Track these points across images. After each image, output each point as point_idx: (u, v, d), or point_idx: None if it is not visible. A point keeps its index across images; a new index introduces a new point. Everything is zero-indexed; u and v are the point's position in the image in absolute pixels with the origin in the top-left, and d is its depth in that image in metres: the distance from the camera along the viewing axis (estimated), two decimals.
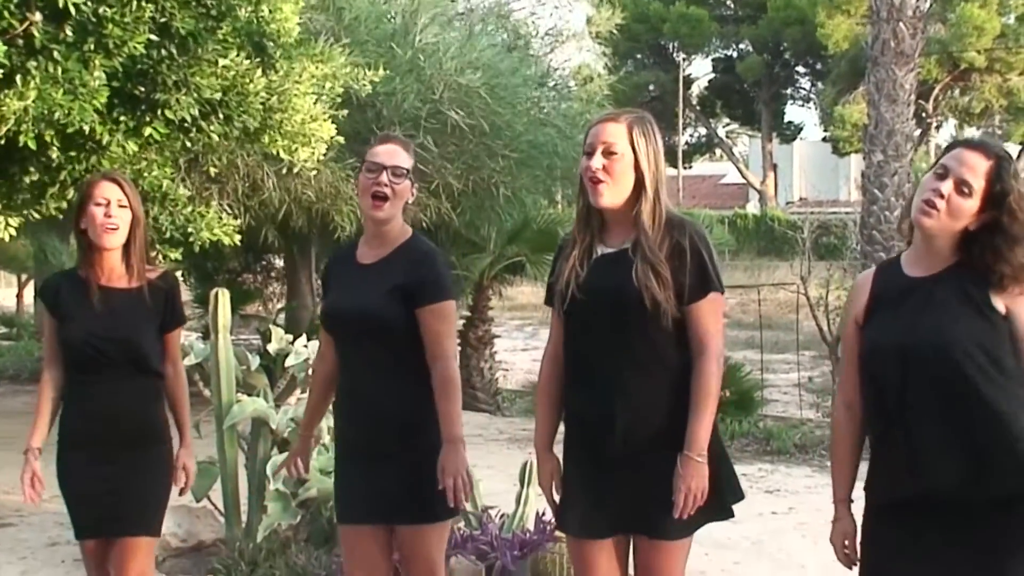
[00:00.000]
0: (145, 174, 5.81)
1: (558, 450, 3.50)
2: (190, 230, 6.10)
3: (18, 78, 4.85)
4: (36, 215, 5.94)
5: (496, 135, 9.47)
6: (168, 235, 6.02)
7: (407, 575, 3.75)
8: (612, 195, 3.26)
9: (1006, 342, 2.89)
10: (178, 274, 9.15)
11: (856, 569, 3.19)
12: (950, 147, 3.03)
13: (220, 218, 6.28)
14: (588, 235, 3.34)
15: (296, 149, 6.16)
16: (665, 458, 3.23)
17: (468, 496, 3.57)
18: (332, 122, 6.39)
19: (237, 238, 6.44)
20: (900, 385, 2.93)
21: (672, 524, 3.25)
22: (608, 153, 3.24)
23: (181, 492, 4.02)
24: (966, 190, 2.90)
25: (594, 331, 3.29)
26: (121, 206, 3.85)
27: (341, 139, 6.56)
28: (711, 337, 3.25)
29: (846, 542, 3.19)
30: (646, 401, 3.25)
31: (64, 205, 5.88)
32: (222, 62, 5.54)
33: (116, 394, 3.87)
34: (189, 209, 6.09)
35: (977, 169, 2.90)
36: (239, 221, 6.41)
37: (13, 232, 5.95)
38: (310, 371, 5.48)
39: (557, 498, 3.45)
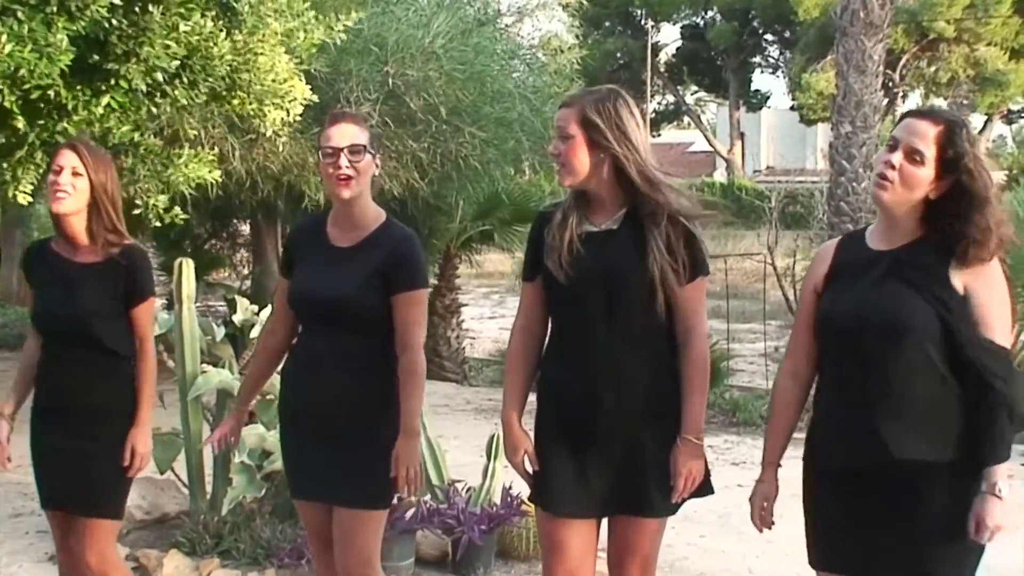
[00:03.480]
0: (114, 130, 5.67)
1: (527, 423, 3.47)
2: (169, 174, 5.96)
3: None
4: None
5: (459, 115, 9.34)
6: (145, 184, 5.91)
7: (342, 562, 3.60)
8: (570, 176, 3.30)
9: (958, 322, 2.87)
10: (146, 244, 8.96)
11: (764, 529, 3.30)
12: (900, 119, 3.05)
13: (196, 154, 6.09)
14: (578, 212, 3.34)
15: (267, 112, 6.00)
16: (652, 436, 3.27)
17: (418, 489, 3.56)
18: (305, 81, 6.21)
19: (217, 174, 6.24)
20: (855, 357, 2.96)
21: (661, 502, 3.30)
22: (563, 137, 3.29)
23: (129, 476, 3.85)
24: (917, 158, 2.91)
25: (586, 309, 3.28)
26: (76, 174, 3.75)
27: (316, 98, 6.39)
28: (699, 318, 3.35)
29: (765, 504, 3.27)
30: (634, 379, 3.27)
31: (33, 171, 5.75)
32: (183, 27, 5.42)
33: (73, 370, 3.82)
34: (164, 154, 5.97)
35: (927, 136, 2.90)
36: (216, 152, 6.21)
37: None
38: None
39: (530, 470, 3.40)
